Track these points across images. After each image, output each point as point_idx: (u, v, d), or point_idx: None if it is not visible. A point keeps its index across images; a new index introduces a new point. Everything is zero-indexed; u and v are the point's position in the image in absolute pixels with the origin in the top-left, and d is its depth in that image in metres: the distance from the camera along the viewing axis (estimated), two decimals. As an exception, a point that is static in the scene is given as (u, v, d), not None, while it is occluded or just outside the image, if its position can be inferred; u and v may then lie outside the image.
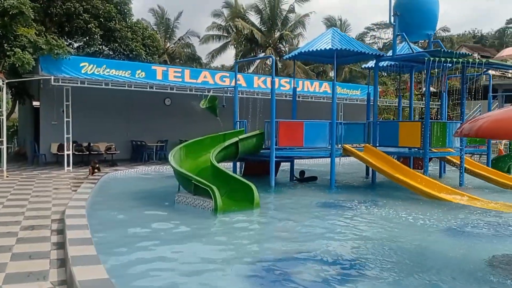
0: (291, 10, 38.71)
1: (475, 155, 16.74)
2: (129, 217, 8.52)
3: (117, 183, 13.34)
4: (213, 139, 12.22)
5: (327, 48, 11.94)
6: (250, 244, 6.92)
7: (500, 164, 15.43)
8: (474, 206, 9.49)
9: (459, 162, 12.92)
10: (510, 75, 32.69)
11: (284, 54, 38.61)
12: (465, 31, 65.66)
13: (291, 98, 19.01)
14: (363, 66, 15.39)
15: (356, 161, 13.58)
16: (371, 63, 14.97)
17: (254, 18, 39.46)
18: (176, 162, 10.48)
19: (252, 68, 38.90)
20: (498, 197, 11.10)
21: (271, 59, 12.30)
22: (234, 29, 40.97)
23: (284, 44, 39.28)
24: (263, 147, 12.70)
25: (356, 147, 13.06)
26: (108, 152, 17.77)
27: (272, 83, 12.10)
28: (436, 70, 13.66)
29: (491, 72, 14.64)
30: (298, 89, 23.77)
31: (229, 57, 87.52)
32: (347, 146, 12.71)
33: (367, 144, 12.86)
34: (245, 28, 37.90)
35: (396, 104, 28.64)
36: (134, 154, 19.00)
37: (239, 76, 22.77)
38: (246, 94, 18.42)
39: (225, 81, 21.10)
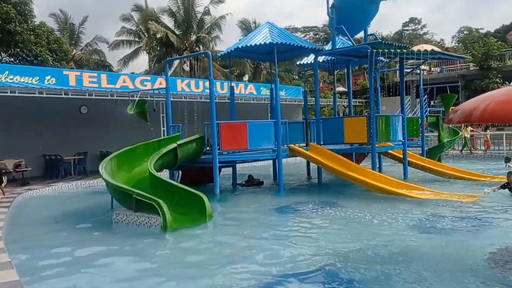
0: (206, 12, 37.72)
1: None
2: (63, 249, 6.94)
3: (35, 204, 11.43)
4: (147, 147, 10.88)
5: (267, 42, 11.13)
6: (213, 267, 5.79)
7: (431, 155, 15.63)
8: (439, 199, 9.18)
9: (401, 156, 12.82)
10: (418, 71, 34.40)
11: (201, 58, 37.47)
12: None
13: (220, 100, 18.22)
14: (298, 63, 14.83)
15: (293, 161, 12.92)
16: (306, 60, 14.50)
17: (168, 21, 37.91)
18: (108, 175, 9.04)
19: (169, 73, 37.26)
20: (444, 187, 11.02)
21: (207, 55, 11.19)
22: (146, 34, 39.11)
23: (201, 47, 38.14)
24: (204, 152, 11.58)
25: (302, 147, 12.42)
26: (17, 170, 15.46)
27: (210, 81, 11.03)
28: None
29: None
30: (224, 91, 22.98)
31: (142, 63, 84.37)
32: (294, 146, 12.01)
33: (312, 143, 12.26)
34: (160, 31, 36.24)
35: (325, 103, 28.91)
36: (48, 170, 16.79)
37: (161, 79, 21.46)
38: (173, 98, 17.10)
39: (146, 85, 19.67)
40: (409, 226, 7.48)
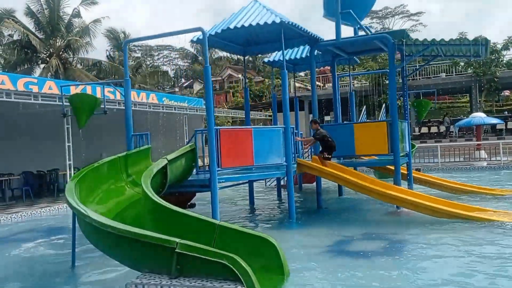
0: (76, 14, 32.30)
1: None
2: None
3: None
4: (111, 166, 7.02)
5: (277, 21, 8.20)
6: None
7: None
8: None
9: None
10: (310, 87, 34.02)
11: (70, 65, 31.87)
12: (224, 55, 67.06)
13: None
14: (265, 60, 12.04)
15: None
16: (272, 57, 11.89)
17: (28, 22, 31.29)
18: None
19: (37, 73, 31.10)
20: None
21: (201, 34, 7.74)
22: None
23: (70, 53, 32.47)
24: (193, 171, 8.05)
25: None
26: None
27: (206, 68, 7.63)
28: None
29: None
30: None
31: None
32: (302, 160, 9.20)
33: (315, 156, 9.60)
34: (19, 31, 29.75)
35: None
36: None
37: (51, 83, 16.59)
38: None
39: (32, 89, 14.85)
40: None
